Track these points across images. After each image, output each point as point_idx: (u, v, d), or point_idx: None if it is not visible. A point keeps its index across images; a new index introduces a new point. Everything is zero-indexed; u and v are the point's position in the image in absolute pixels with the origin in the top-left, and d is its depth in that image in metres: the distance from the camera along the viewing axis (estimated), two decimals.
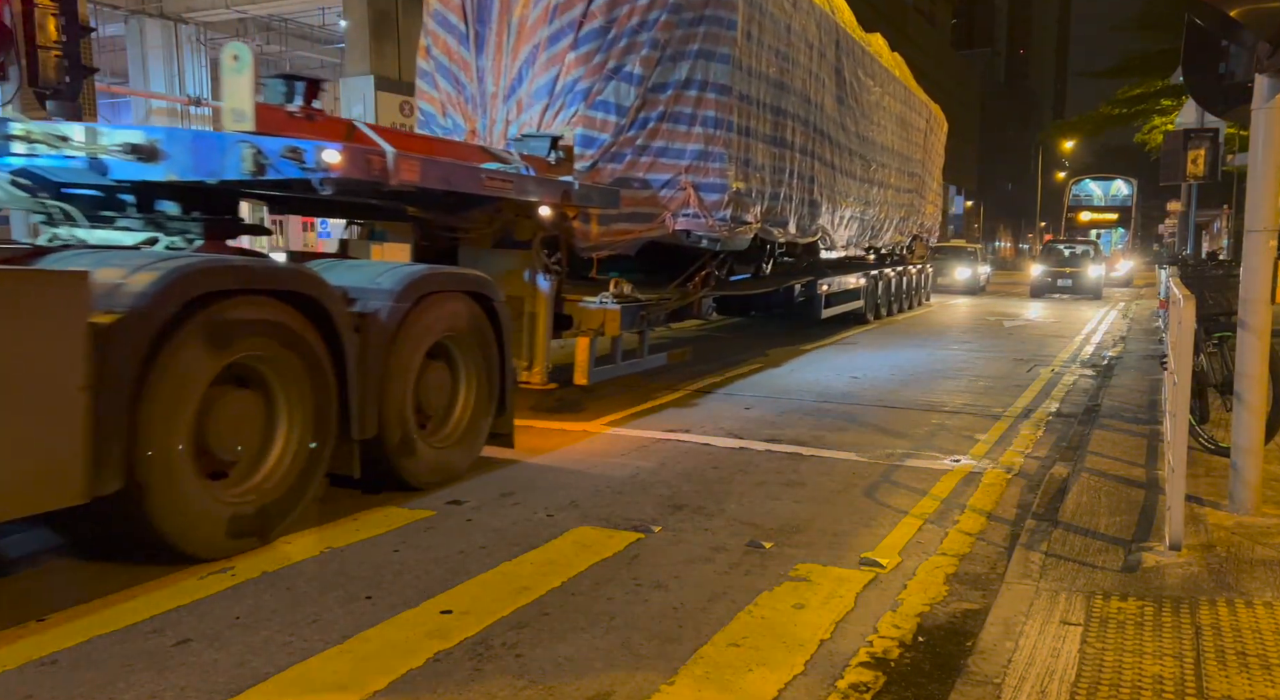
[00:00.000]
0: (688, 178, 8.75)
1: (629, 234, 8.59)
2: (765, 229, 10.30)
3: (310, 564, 4.31)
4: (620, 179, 8.52)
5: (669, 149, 8.73)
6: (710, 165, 8.84)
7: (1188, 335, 4.35)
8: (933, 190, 21.13)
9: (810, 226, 12.09)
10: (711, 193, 8.85)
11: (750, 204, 9.63)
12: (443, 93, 9.33)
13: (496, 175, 6.50)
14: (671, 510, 5.25)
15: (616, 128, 8.57)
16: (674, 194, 8.72)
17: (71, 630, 3.55)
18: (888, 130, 16.06)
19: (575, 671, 3.31)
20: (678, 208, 8.74)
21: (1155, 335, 13.99)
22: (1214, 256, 16.84)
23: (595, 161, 8.53)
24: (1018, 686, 2.98)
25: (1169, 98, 25.69)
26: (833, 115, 12.70)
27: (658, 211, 8.75)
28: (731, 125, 9.06)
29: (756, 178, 9.80)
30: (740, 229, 9.48)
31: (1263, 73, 4.45)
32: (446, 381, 5.85)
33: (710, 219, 8.82)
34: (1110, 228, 38.49)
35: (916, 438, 7.35)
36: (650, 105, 8.67)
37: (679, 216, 8.74)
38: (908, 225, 18.47)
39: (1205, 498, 5.00)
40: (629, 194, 8.45)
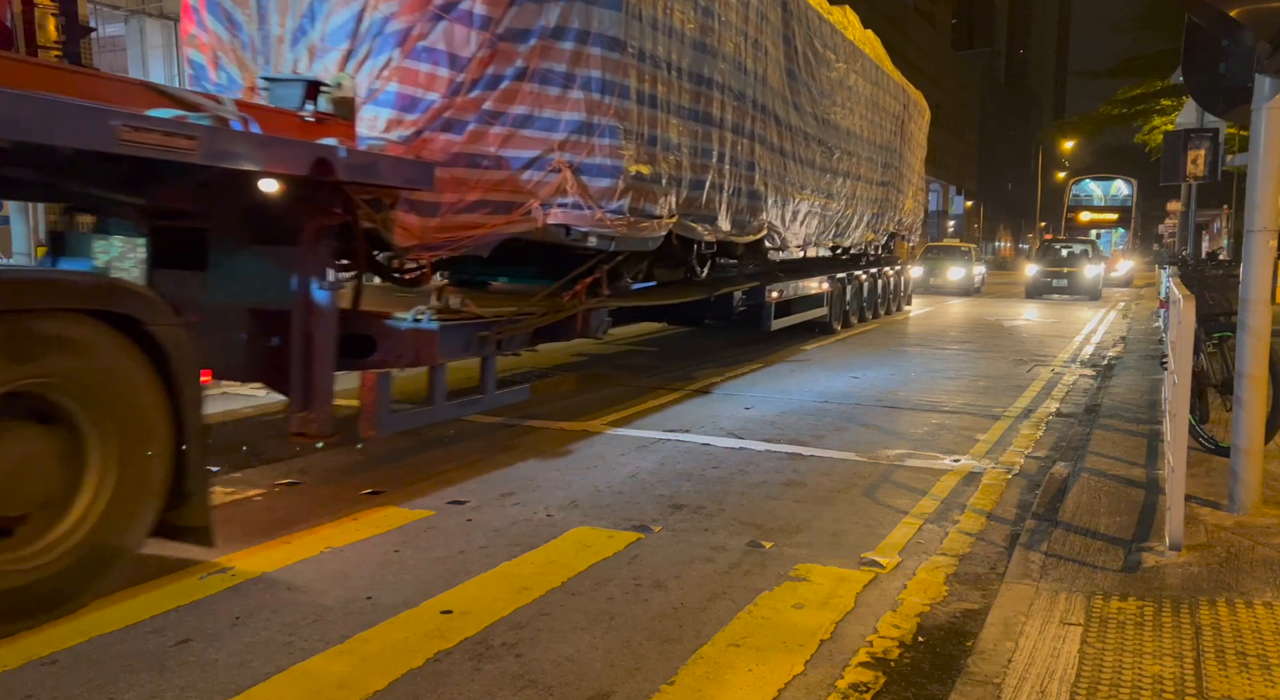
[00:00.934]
0: (563, 156, 6.69)
1: (477, 229, 6.37)
2: (685, 225, 8.38)
3: (310, 564, 4.31)
4: (460, 155, 6.26)
5: (534, 118, 6.57)
6: (596, 141, 6.86)
7: (1188, 335, 4.35)
8: (912, 184, 19.10)
9: (751, 223, 10.09)
10: (599, 177, 6.89)
11: (661, 193, 7.74)
12: (213, 36, 6.82)
13: (157, 127, 4.11)
14: (671, 510, 5.25)
15: (451, 85, 6.21)
16: (543, 177, 6.61)
17: (71, 630, 3.55)
18: (855, 114, 13.99)
19: (575, 671, 3.31)
20: (550, 195, 6.67)
21: (1155, 335, 13.98)
22: (1214, 256, 16.80)
23: (420, 130, 6.14)
24: (1018, 686, 2.98)
25: (1169, 98, 25.73)
26: (780, 91, 10.73)
27: (520, 199, 6.56)
28: (627, 91, 7.11)
29: (669, 161, 7.90)
30: (646, 225, 7.56)
31: (1263, 73, 4.45)
32: (44, 459, 3.64)
33: (598, 211, 6.87)
34: (1110, 228, 38.43)
35: (916, 438, 7.35)
36: (503, 58, 6.39)
37: (552, 206, 6.71)
38: (882, 222, 16.64)
39: (1205, 498, 5.00)
40: (472, 175, 6.31)
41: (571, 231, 6.90)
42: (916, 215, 19.86)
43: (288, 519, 4.95)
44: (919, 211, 20.19)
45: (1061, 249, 28.80)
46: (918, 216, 20.04)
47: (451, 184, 6.14)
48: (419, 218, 6.01)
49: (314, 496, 5.40)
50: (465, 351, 6.24)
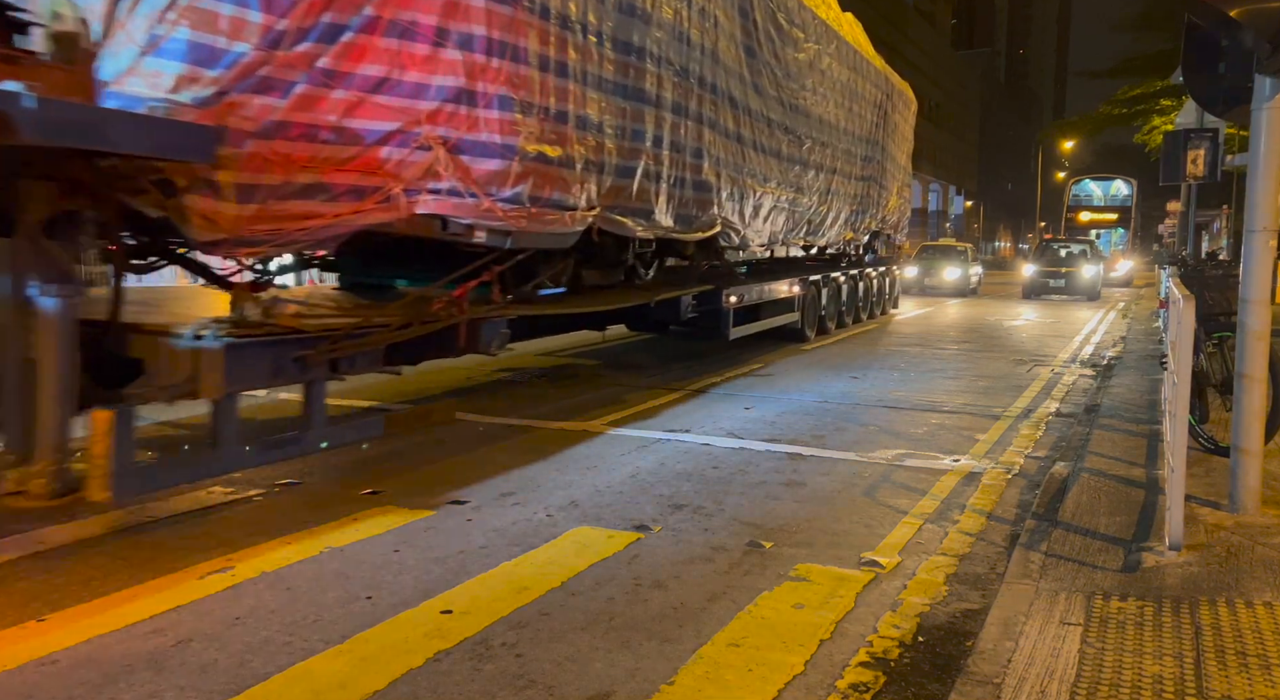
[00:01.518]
0: (435, 130, 5.40)
1: (313, 219, 5.06)
2: (611, 219, 7.14)
3: (310, 564, 4.32)
4: (285, 124, 4.91)
5: (393, 81, 5.30)
6: (481, 113, 5.61)
7: (1188, 335, 4.35)
8: (897, 180, 17.76)
9: (701, 217, 8.85)
10: (485, 157, 5.65)
11: (574, 180, 6.55)
12: None
13: None
14: (671, 510, 5.25)
15: (267, 34, 4.90)
16: (408, 155, 5.34)
17: (71, 630, 3.55)
18: (829, 101, 12.78)
19: (575, 671, 3.31)
20: (418, 178, 5.40)
21: (1155, 335, 13.98)
22: (1214, 256, 16.76)
23: (225, 90, 4.72)
24: (1018, 686, 2.98)
25: (1169, 98, 25.73)
26: (737, 70, 9.53)
27: (375, 183, 5.27)
28: (523, 54, 5.90)
29: (586, 142, 6.73)
30: (553, 217, 6.34)
31: (1263, 73, 4.45)
32: None
33: (485, 199, 5.63)
34: (1110, 228, 38.43)
35: (916, 437, 7.35)
36: (343, 3, 5.14)
37: (421, 193, 5.42)
38: (863, 220, 15.42)
39: (1205, 498, 5.00)
40: (305, 151, 5.00)
41: (450, 224, 5.59)
42: (902, 213, 18.74)
43: (288, 519, 4.95)
44: (905, 209, 19.01)
45: (1060, 249, 28.46)
46: (904, 214, 18.86)
47: (274, 162, 4.81)
48: (226, 204, 4.65)
49: (314, 496, 5.40)
50: (275, 377, 5.01)
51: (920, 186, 64.70)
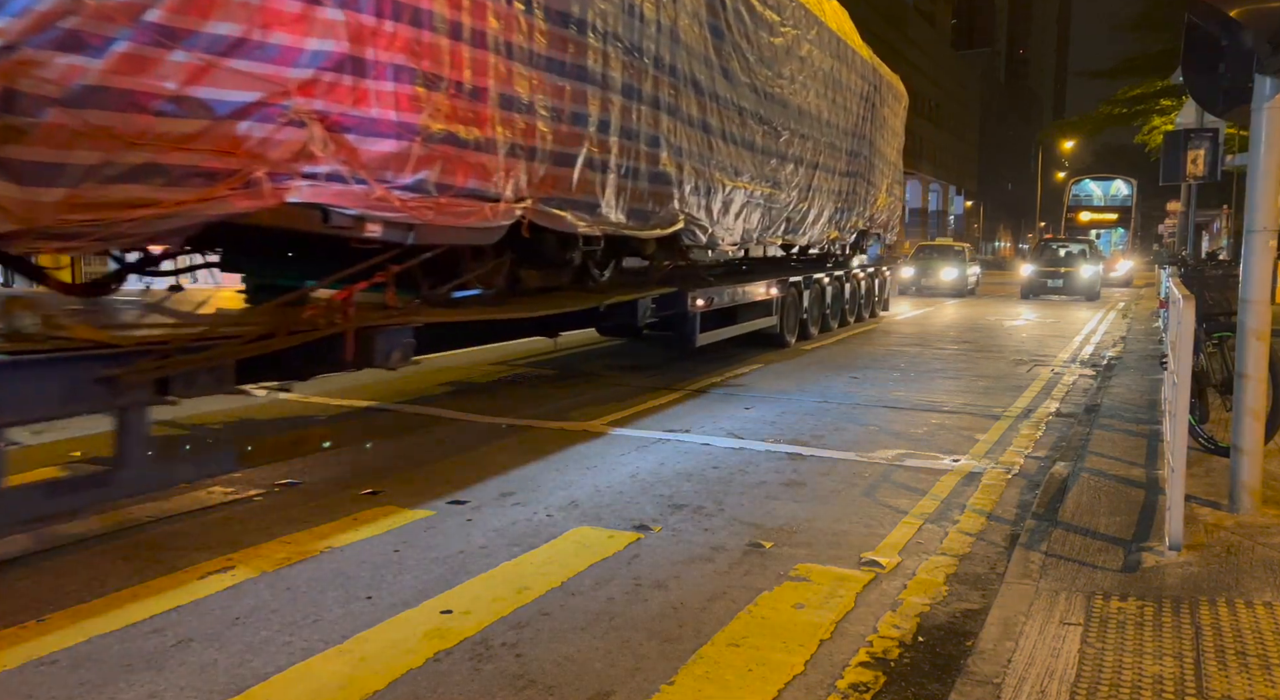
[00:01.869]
0: (310, 103, 4.55)
1: (145, 208, 4.16)
2: (545, 212, 6.33)
3: (310, 564, 4.32)
4: (101, 90, 3.95)
5: (253, 43, 4.36)
6: (371, 85, 4.83)
7: (1188, 335, 4.35)
8: (887, 177, 16.88)
9: (658, 213, 8.06)
10: (377, 137, 4.88)
11: (497, 167, 5.75)
12: None
13: None
14: (671, 510, 5.25)
15: None
16: (274, 133, 4.44)
17: (71, 630, 3.55)
18: (809, 91, 11.92)
19: (575, 671, 3.31)
20: (289, 160, 4.53)
21: (1155, 335, 13.98)
22: (1214, 256, 16.73)
23: (13, 44, 3.74)
24: (1018, 686, 2.98)
25: (1169, 98, 25.73)
26: (701, 53, 8.73)
27: (233, 165, 4.34)
28: (425, 17, 5.16)
29: (513, 123, 5.90)
30: (469, 208, 5.56)
31: (1263, 73, 4.45)
32: None
33: (378, 187, 4.89)
34: (1110, 228, 38.43)
35: (916, 437, 7.35)
36: None
37: (293, 177, 4.54)
38: (849, 218, 14.54)
39: (1205, 498, 5.00)
40: (132, 124, 4.04)
41: (332, 215, 4.77)
42: (893, 211, 17.80)
43: (288, 519, 4.96)
44: (896, 207, 18.16)
45: (1059, 249, 28.19)
46: (894, 212, 17.99)
47: (87, 136, 3.97)
48: (14, 187, 3.78)
49: (314, 496, 5.40)
50: (68, 403, 4.15)
51: (920, 186, 64.73)
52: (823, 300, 14.48)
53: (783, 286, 12.37)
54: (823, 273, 14.49)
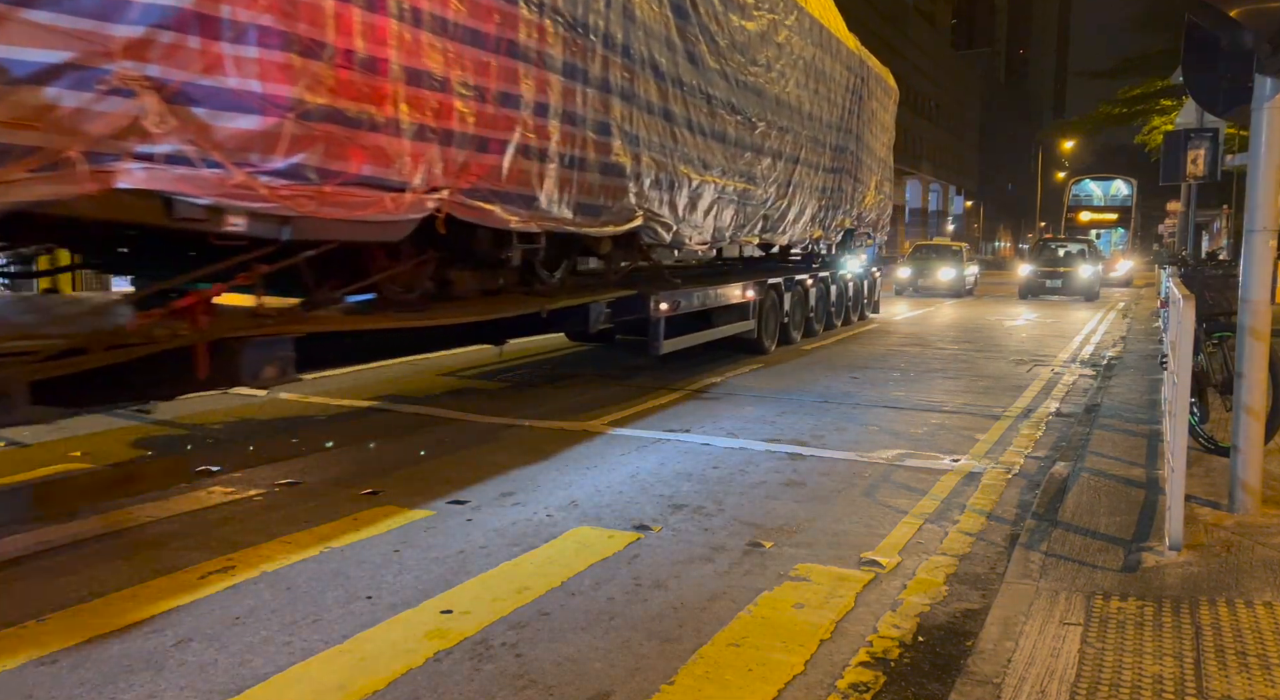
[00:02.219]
0: (142, 68, 3.82)
1: None
2: (467, 204, 5.63)
3: (310, 564, 4.32)
4: None
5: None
6: (227, 48, 4.08)
7: (1188, 335, 4.35)
8: (875, 174, 16.06)
9: (611, 208, 7.37)
10: (236, 111, 4.12)
11: (404, 151, 5.02)
12: None
13: None
14: (671, 510, 5.25)
15: None
16: (94, 103, 3.71)
17: (71, 630, 3.55)
18: (789, 80, 11.18)
19: (575, 671, 3.31)
20: (116, 137, 3.78)
21: (1155, 335, 13.98)
22: (1214, 256, 16.69)
23: None
24: (1018, 686, 2.98)
25: (1169, 98, 25.73)
26: (662, 34, 7.99)
27: (34, 142, 3.59)
28: None
29: (423, 101, 5.17)
30: (363, 199, 4.83)
31: (1263, 73, 4.45)
32: None
33: (237, 171, 4.14)
34: (1110, 228, 38.43)
35: (916, 437, 7.35)
36: None
37: (124, 158, 3.81)
38: (834, 217, 13.86)
39: (1205, 498, 5.00)
40: None
41: (177, 204, 4.00)
42: (882, 209, 16.97)
43: (288, 519, 4.96)
44: (886, 206, 17.22)
45: (1057, 248, 27.85)
46: (884, 211, 17.16)
47: None
48: None
49: (314, 496, 5.40)
50: None
51: (920, 186, 64.74)
52: (806, 303, 13.56)
53: (760, 289, 11.43)
54: (806, 274, 13.58)
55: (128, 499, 5.16)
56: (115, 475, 5.12)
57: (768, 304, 11.88)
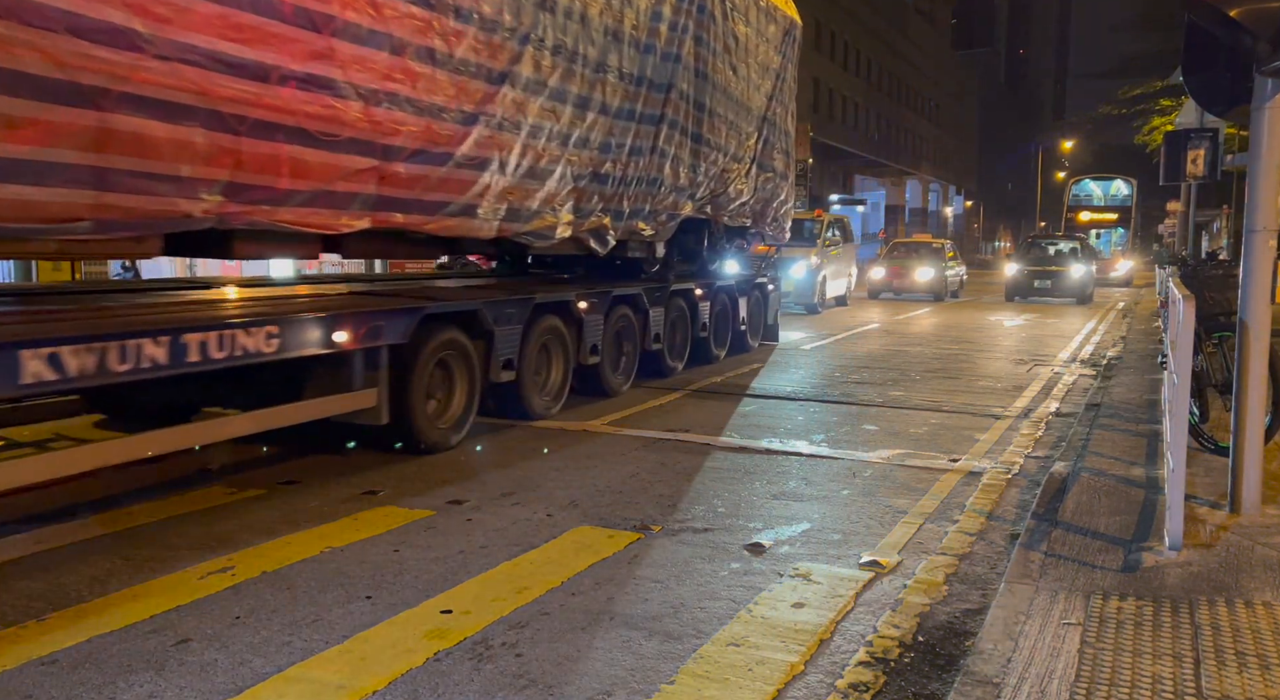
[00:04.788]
0: None
1: None
2: None
3: (310, 564, 4.32)
4: None
5: None
6: None
7: (1187, 335, 4.35)
8: (751, 139, 11.10)
9: None
10: None
11: None
12: None
13: None
14: (671, 510, 5.25)
15: None
16: None
17: (71, 630, 3.55)
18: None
19: (575, 671, 3.31)
20: None
21: (1155, 335, 13.97)
22: (1214, 256, 16.67)
23: None
24: (1017, 686, 2.98)
25: (1169, 98, 25.73)
26: None
27: None
28: None
29: None
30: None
31: (1263, 73, 4.45)
32: None
33: None
34: (1110, 228, 38.45)
35: (916, 437, 7.35)
36: None
37: None
38: (662, 198, 9.16)
39: (1205, 498, 5.00)
40: None
41: None
42: (773, 195, 11.92)
43: (288, 519, 4.96)
44: (780, 190, 12.19)
45: (1048, 246, 25.94)
46: (776, 197, 12.08)
47: None
48: None
49: (314, 496, 5.40)
50: None
51: (920, 186, 64.76)
52: (572, 347, 8.03)
53: (390, 327, 5.92)
54: (576, 293, 8.05)
55: (128, 499, 5.17)
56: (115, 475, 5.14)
57: (421, 361, 6.24)
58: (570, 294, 8.07)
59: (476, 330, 6.88)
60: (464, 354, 6.76)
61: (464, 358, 6.76)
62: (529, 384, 7.57)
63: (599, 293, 8.54)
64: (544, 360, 7.91)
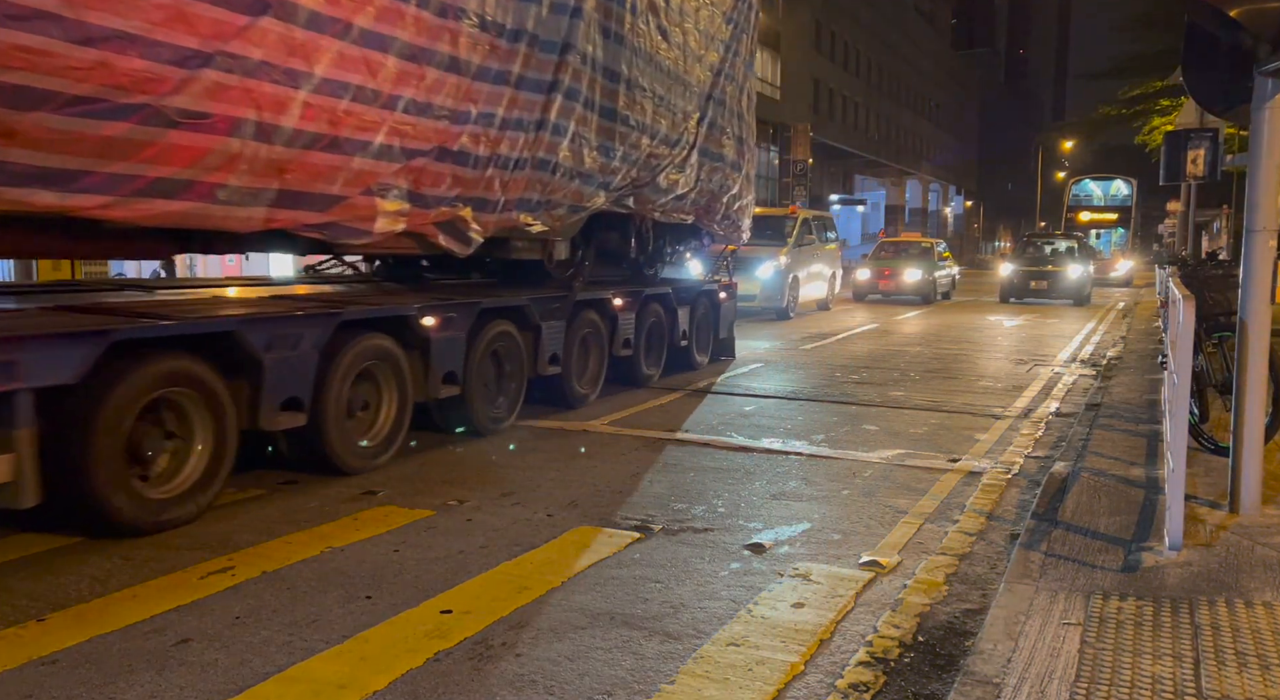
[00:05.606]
0: None
1: None
2: None
3: (310, 564, 4.31)
4: None
5: None
6: None
7: (1187, 335, 4.35)
8: (691, 120, 9.29)
9: None
10: None
11: None
12: None
13: None
14: (671, 510, 5.25)
15: None
16: None
17: (71, 630, 3.55)
18: None
19: (575, 671, 3.31)
20: None
21: (1155, 335, 13.98)
22: (1214, 256, 16.56)
23: None
24: (1017, 686, 2.98)
25: (1169, 98, 25.70)
26: None
27: None
28: None
29: None
30: None
31: (1263, 73, 4.45)
32: None
33: None
34: (1110, 228, 38.45)
35: (917, 437, 7.35)
36: None
37: None
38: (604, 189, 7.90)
39: (1205, 498, 5.00)
40: None
41: None
42: (720, 187, 10.01)
43: (288, 519, 4.96)
44: (731, 182, 10.27)
45: (1044, 246, 25.19)
46: (726, 189, 10.19)
47: None
48: None
49: (314, 496, 5.40)
50: None
51: (920, 186, 64.76)
52: (414, 378, 6.31)
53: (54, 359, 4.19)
54: (420, 306, 6.30)
55: None
56: None
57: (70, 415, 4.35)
58: (410, 308, 6.18)
59: (232, 360, 5.09)
60: (205, 394, 4.91)
61: (205, 399, 4.91)
62: (332, 431, 5.59)
63: (457, 306, 6.61)
64: (371, 395, 6.05)
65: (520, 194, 6.96)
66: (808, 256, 18.67)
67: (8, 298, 5.78)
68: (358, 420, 5.95)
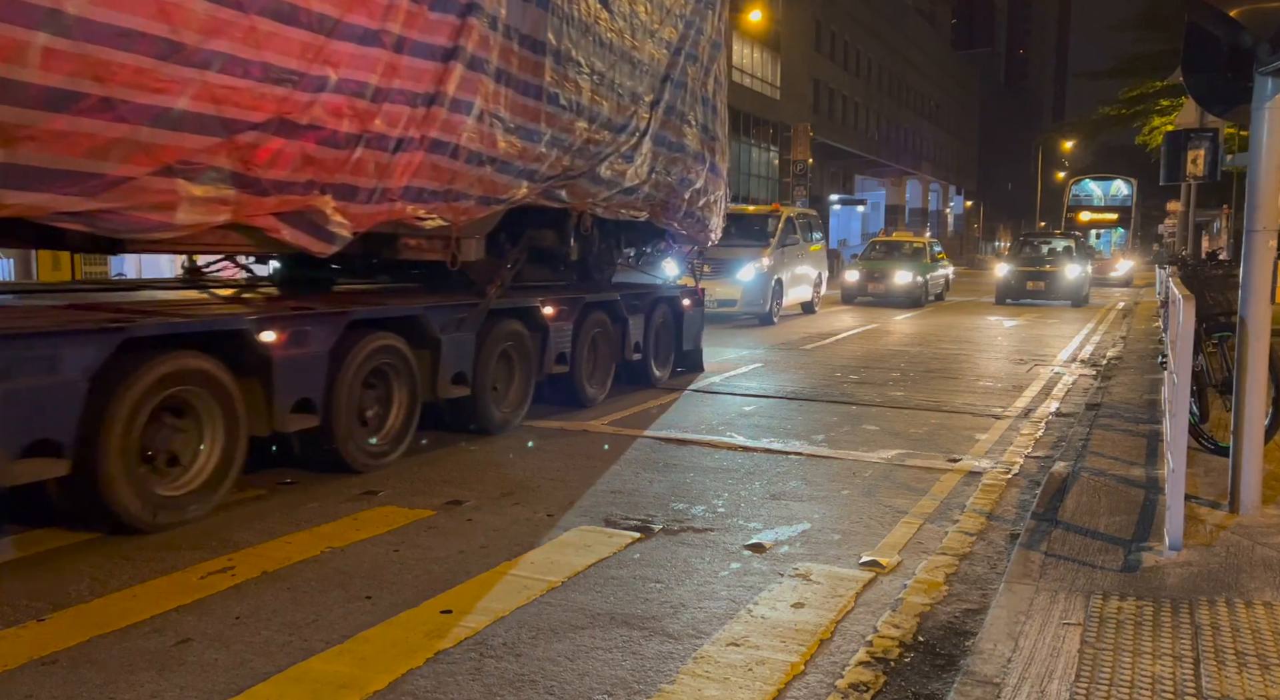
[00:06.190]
0: None
1: None
2: None
3: (310, 564, 4.31)
4: None
5: None
6: None
7: (1187, 335, 4.36)
8: (678, 117, 8.78)
9: None
10: None
11: None
12: None
13: None
14: (671, 510, 5.25)
15: None
16: None
17: (71, 630, 3.55)
18: None
19: (575, 671, 3.31)
20: None
21: (1155, 335, 13.97)
22: (1214, 256, 16.43)
23: None
24: (1017, 686, 2.98)
25: (1169, 98, 25.69)
26: None
27: None
28: None
29: None
30: None
31: (1263, 73, 4.45)
32: None
33: None
34: (1110, 227, 38.46)
35: (917, 437, 7.35)
36: None
37: None
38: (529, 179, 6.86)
39: (1205, 498, 5.00)
40: None
41: None
42: (681, 180, 8.99)
43: (288, 519, 4.96)
44: (696, 175, 9.24)
45: (1041, 246, 24.74)
46: (690, 184, 9.16)
47: None
48: None
49: (314, 496, 5.40)
50: None
51: (920, 186, 64.75)
52: (250, 407, 5.14)
53: None
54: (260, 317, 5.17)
55: None
56: None
57: None
58: (244, 321, 5.06)
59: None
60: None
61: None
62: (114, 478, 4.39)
63: (322, 316, 5.55)
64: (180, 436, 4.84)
65: (407, 181, 5.79)
66: (792, 257, 17.69)
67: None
68: (178, 471, 4.88)
